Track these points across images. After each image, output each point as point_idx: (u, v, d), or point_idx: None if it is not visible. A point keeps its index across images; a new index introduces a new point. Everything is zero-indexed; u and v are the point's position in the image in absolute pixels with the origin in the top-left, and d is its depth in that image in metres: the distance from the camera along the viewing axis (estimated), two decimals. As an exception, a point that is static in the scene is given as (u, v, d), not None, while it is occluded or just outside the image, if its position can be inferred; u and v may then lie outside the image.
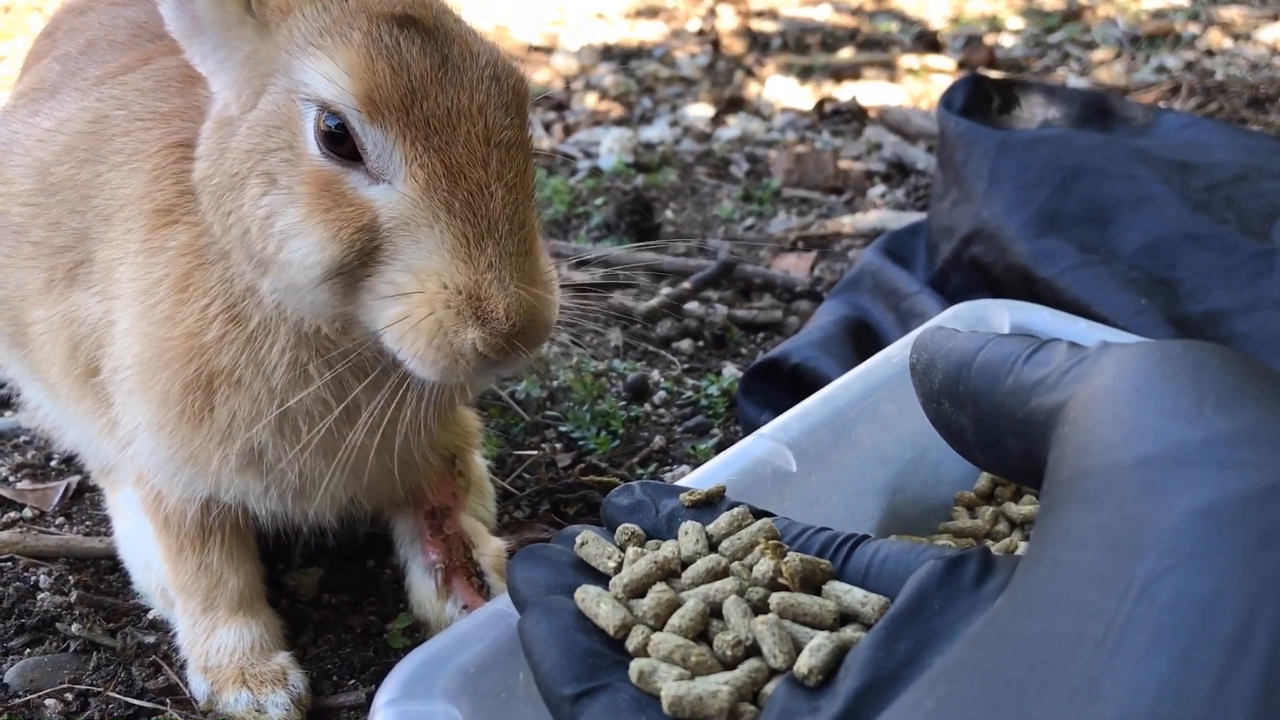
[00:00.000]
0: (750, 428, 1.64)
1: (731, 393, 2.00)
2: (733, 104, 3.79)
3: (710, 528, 0.93)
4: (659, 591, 0.85)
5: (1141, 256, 1.91)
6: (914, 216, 2.73)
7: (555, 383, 2.05)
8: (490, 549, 1.47)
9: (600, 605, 0.84)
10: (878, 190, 3.06)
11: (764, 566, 0.86)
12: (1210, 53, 4.28)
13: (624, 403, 2.00)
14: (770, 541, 0.88)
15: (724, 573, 0.88)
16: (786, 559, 0.85)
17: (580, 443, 1.88)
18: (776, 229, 2.79)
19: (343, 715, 1.36)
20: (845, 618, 0.82)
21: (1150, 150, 2.15)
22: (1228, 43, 4.39)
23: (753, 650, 0.80)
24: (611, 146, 3.26)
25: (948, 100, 2.33)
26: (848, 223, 2.81)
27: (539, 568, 0.91)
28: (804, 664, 0.75)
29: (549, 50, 4.42)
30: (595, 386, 2.00)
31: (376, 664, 1.43)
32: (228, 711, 1.33)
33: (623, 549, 0.92)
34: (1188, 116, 2.46)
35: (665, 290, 2.40)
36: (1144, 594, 0.56)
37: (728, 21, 4.81)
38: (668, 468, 1.83)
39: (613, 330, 2.27)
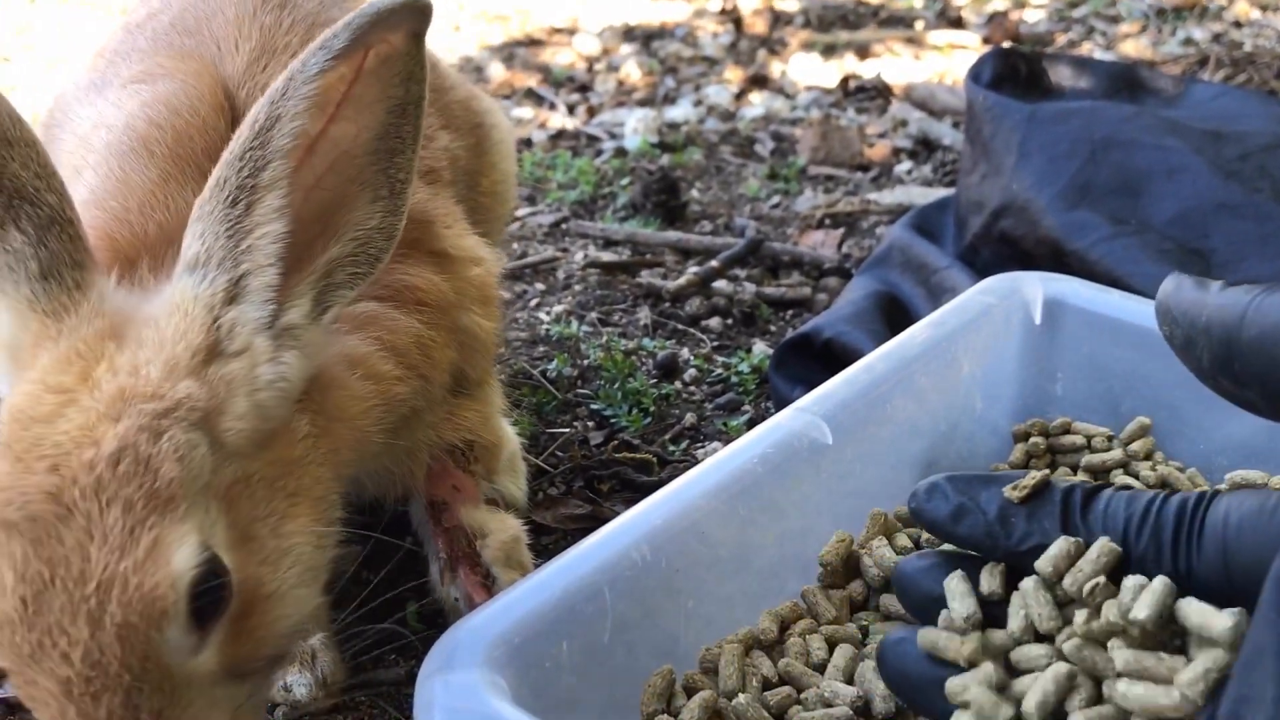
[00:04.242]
0: (782, 404, 1.64)
1: (762, 370, 2.00)
2: (756, 82, 3.78)
3: (1048, 568, 0.85)
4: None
5: (1174, 227, 1.90)
6: (941, 192, 2.71)
7: (586, 361, 2.05)
8: (496, 539, 1.43)
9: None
10: (904, 166, 3.05)
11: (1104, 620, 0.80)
12: (1238, 24, 4.23)
13: (655, 380, 2.01)
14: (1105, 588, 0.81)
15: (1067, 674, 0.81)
16: (1130, 615, 0.77)
17: (612, 420, 1.88)
18: (803, 206, 2.78)
19: (383, 691, 1.38)
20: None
21: (1181, 120, 2.13)
22: (1255, 13, 4.33)
23: None
24: (636, 127, 3.26)
25: (976, 73, 2.32)
26: (874, 199, 2.80)
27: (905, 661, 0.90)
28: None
29: (571, 32, 4.42)
30: (626, 365, 2.00)
31: (415, 640, 1.45)
32: (255, 689, 1.34)
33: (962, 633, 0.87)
34: (1218, 86, 2.43)
35: (693, 269, 2.40)
36: None
37: (749, 0, 4.79)
38: (700, 444, 1.84)
39: (641, 309, 2.27)
